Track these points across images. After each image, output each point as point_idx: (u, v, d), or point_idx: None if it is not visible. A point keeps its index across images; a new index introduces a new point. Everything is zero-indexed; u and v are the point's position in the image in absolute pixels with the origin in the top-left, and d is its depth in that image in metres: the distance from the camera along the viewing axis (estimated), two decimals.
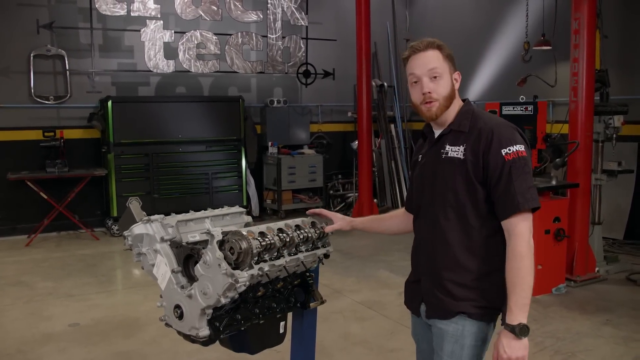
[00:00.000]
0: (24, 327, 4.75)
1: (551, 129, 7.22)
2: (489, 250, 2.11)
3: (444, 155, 2.17)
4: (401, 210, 2.57)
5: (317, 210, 2.55)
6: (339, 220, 2.51)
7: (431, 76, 2.14)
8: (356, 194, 9.39)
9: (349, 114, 10.16)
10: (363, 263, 6.62)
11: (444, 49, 2.17)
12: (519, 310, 1.99)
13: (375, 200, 9.40)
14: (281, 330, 2.62)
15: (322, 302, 2.64)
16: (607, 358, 4.08)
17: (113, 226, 8.01)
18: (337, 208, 9.75)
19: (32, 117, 8.11)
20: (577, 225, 5.70)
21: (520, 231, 2.02)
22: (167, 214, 2.44)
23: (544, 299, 5.25)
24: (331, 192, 10.02)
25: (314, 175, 9.48)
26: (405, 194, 10.38)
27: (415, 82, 2.17)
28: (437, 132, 2.25)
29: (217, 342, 2.33)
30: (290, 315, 2.64)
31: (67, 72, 8.16)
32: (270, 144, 9.36)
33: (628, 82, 7.24)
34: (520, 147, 2.06)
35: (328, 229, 2.47)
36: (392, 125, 10.42)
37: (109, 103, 7.87)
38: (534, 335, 4.40)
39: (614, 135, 5.97)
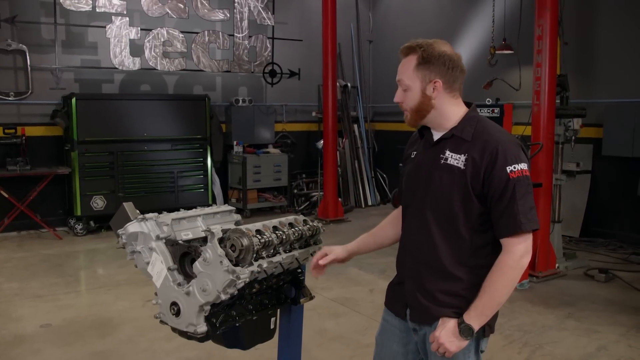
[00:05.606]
0: None
1: (511, 131, 7.44)
2: (478, 262, 2.05)
3: (442, 161, 2.05)
4: (395, 213, 2.42)
5: (317, 259, 2.49)
6: (334, 251, 2.48)
7: (401, 87, 2.10)
8: (321, 193, 9.47)
9: (314, 113, 10.24)
10: None
11: (423, 52, 2.04)
12: (476, 315, 2.00)
13: (340, 199, 9.49)
14: (272, 326, 2.69)
15: (312, 298, 2.72)
16: (572, 349, 4.28)
17: (76, 225, 7.87)
18: (302, 207, 9.80)
19: None
20: (539, 223, 5.89)
21: (515, 250, 1.98)
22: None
23: (510, 295, 5.43)
24: (295, 191, 10.08)
25: (279, 175, 9.54)
26: (369, 193, 10.54)
27: None
28: (436, 134, 2.13)
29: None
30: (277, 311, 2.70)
31: (29, 67, 7.97)
32: (235, 143, 9.37)
33: (584, 86, 7.55)
34: (524, 166, 1.98)
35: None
36: (355, 126, 10.58)
37: (73, 100, 7.72)
38: (502, 328, 4.58)
39: (573, 137, 6.25)
